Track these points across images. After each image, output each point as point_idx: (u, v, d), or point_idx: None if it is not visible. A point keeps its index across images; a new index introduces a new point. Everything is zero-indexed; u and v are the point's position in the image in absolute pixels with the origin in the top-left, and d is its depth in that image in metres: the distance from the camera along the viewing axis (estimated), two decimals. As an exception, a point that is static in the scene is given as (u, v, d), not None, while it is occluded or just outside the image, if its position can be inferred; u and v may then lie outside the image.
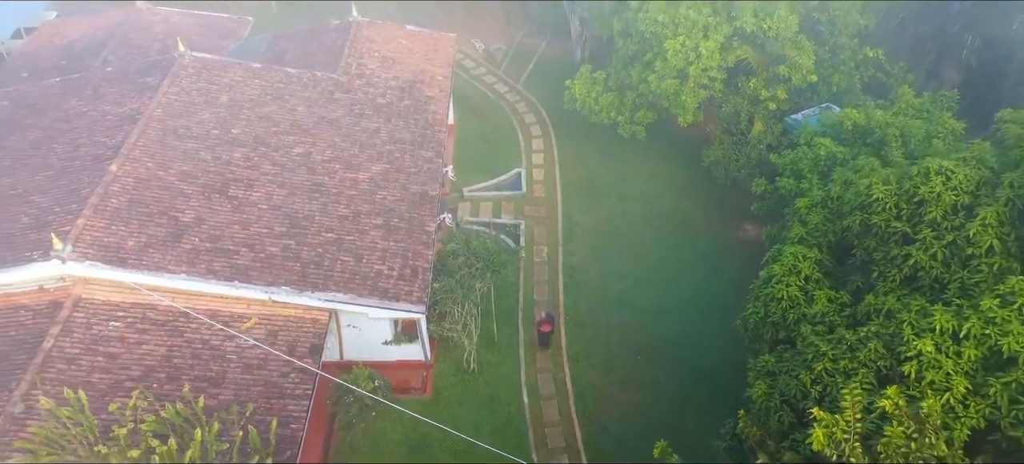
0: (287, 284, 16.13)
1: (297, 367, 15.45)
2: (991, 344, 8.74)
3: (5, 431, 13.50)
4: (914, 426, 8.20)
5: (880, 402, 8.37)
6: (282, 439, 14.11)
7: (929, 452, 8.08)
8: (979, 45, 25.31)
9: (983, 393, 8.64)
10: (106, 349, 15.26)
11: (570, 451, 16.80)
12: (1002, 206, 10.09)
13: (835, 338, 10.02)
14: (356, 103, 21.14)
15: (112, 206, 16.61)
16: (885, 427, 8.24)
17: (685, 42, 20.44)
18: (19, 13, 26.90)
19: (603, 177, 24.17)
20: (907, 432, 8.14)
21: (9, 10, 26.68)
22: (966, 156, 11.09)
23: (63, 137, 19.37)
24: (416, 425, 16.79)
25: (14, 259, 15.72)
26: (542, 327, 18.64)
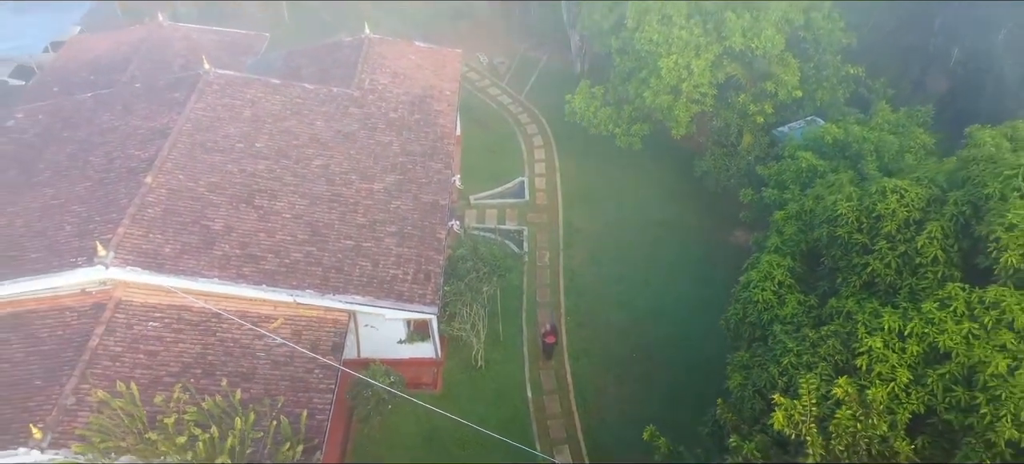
0: (311, 287, 17.64)
1: (321, 364, 16.98)
2: (930, 341, 10.26)
3: (59, 421, 15.00)
4: (860, 410, 9.74)
5: (834, 390, 9.92)
6: (309, 429, 15.62)
7: (872, 432, 9.61)
8: (961, 58, 26.84)
9: (923, 383, 10.17)
10: (146, 347, 16.78)
11: (571, 441, 18.34)
12: (947, 221, 11.64)
13: (800, 336, 11.56)
14: (370, 117, 22.68)
15: (148, 215, 18.11)
16: (836, 411, 9.78)
17: (678, 60, 21.96)
18: (50, 28, 28.42)
19: (601, 185, 25.70)
20: (854, 415, 9.68)
21: (41, 26, 28.22)
22: (919, 176, 12.64)
23: (98, 150, 20.90)
24: (428, 418, 18.33)
25: (60, 264, 17.24)
26: (546, 338, 19.91)
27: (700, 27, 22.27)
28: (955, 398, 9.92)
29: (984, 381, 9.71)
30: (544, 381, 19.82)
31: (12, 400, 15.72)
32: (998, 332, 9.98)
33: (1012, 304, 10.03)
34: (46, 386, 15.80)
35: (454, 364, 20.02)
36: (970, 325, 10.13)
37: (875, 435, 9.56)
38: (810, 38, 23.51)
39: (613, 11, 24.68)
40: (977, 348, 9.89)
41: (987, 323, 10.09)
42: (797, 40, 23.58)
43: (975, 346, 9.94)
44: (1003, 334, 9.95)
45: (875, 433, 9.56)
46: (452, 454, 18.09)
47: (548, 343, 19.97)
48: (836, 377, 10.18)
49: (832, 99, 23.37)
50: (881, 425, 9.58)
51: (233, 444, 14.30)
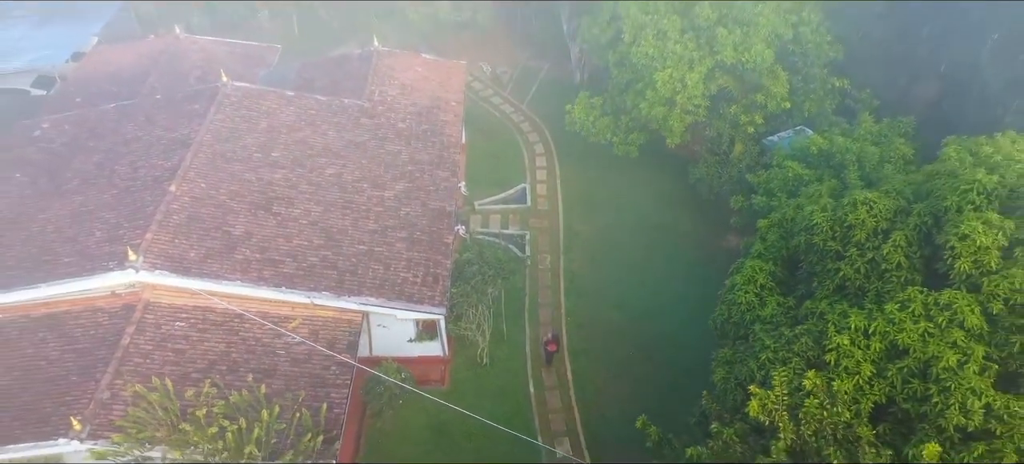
0: (327, 289, 18.92)
1: (337, 361, 18.26)
2: (891, 339, 11.53)
3: (96, 414, 16.27)
4: (827, 400, 10.99)
5: (804, 382, 11.18)
6: (328, 421, 16.89)
7: (837, 419, 10.87)
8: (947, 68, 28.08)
9: (884, 376, 11.43)
10: (174, 346, 18.07)
11: (570, 433, 19.64)
12: (911, 230, 12.93)
13: (778, 334, 12.82)
14: (380, 128, 23.96)
15: (174, 222, 19.39)
16: (805, 401, 11.03)
17: (673, 73, 23.27)
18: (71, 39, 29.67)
19: (600, 192, 26.99)
20: (821, 404, 10.93)
21: (63, 37, 29.49)
22: (887, 188, 13.93)
23: (123, 159, 22.20)
24: (437, 413, 19.59)
25: (93, 268, 18.53)
26: (548, 347, 21.04)
27: (693, 42, 23.56)
28: (912, 389, 11.21)
29: (937, 374, 11.00)
30: (546, 378, 21.11)
31: (51, 394, 17.01)
32: (950, 330, 11.27)
33: (963, 306, 11.32)
34: (82, 381, 17.08)
35: (461, 362, 21.28)
36: (926, 324, 11.42)
37: (840, 422, 10.83)
38: (798, 51, 24.80)
39: (611, 26, 25.98)
40: (932, 345, 11.18)
41: (941, 322, 11.38)
42: (786, 53, 24.85)
43: (930, 343, 11.22)
44: (954, 332, 11.23)
45: (840, 420, 10.83)
46: (459, 446, 19.36)
47: (550, 351, 21.08)
48: (808, 371, 11.45)
49: (819, 110, 24.66)
50: (845, 413, 10.85)
51: (259, 435, 15.57)
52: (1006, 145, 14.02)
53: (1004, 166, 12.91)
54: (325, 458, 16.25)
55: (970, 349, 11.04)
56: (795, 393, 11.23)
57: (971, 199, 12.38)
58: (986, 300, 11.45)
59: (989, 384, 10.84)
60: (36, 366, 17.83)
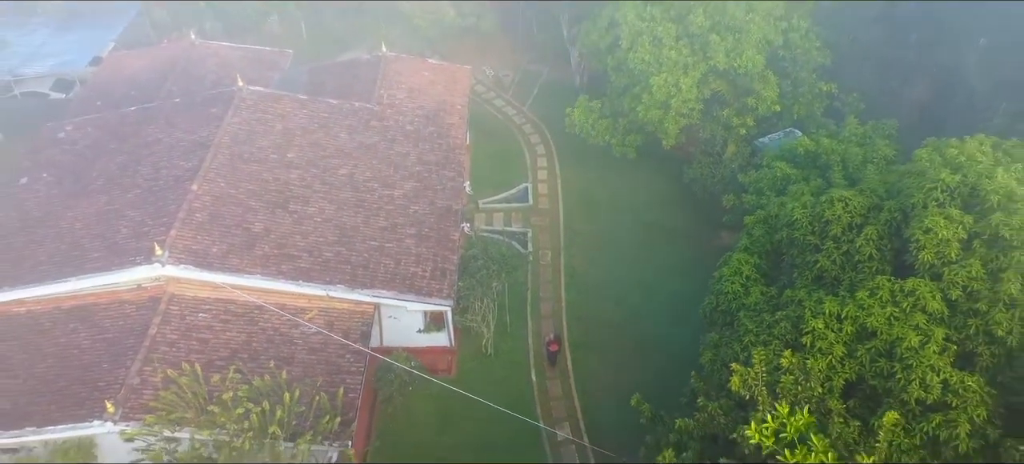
0: (341, 283, 20.19)
1: (351, 349, 19.53)
2: (861, 322, 12.80)
3: (127, 398, 17.53)
4: (802, 376, 12.25)
5: (781, 361, 12.43)
6: (344, 405, 18.16)
7: (810, 393, 12.12)
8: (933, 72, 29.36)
9: (854, 356, 12.70)
10: (198, 335, 19.34)
11: (570, 419, 20.92)
12: (882, 225, 14.20)
13: (760, 320, 14.09)
14: (389, 130, 25.24)
15: (196, 219, 20.64)
16: (782, 377, 12.28)
17: (668, 78, 24.55)
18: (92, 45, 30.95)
19: (599, 191, 28.27)
20: (796, 380, 12.18)
21: (83, 42, 30.77)
22: (862, 187, 15.21)
23: (145, 161, 23.45)
24: (444, 399, 20.84)
25: (121, 263, 19.79)
26: (550, 347, 22.20)
27: (688, 48, 24.85)
28: (879, 367, 12.48)
29: (901, 353, 12.26)
30: (547, 367, 22.37)
31: (84, 380, 18.30)
32: (913, 315, 12.53)
33: (925, 292, 12.59)
34: (113, 369, 18.35)
35: (467, 352, 22.54)
36: (892, 309, 12.69)
37: (813, 396, 12.09)
38: (788, 57, 26.10)
39: (609, 32, 27.28)
40: (896, 327, 12.44)
41: (905, 307, 12.65)
42: (776, 59, 26.15)
43: (895, 326, 12.49)
44: (917, 316, 12.50)
45: (813, 394, 12.09)
46: (465, 431, 20.61)
47: (552, 351, 22.22)
48: (785, 351, 12.72)
49: (808, 113, 25.94)
50: (817, 388, 12.11)
51: (282, 416, 16.86)
52: (972, 147, 15.29)
53: (967, 166, 14.17)
54: (342, 438, 17.52)
55: (931, 331, 12.31)
56: (773, 371, 12.49)
57: (935, 196, 13.66)
58: (946, 287, 12.72)
59: (948, 362, 12.11)
60: (70, 354, 19.12)
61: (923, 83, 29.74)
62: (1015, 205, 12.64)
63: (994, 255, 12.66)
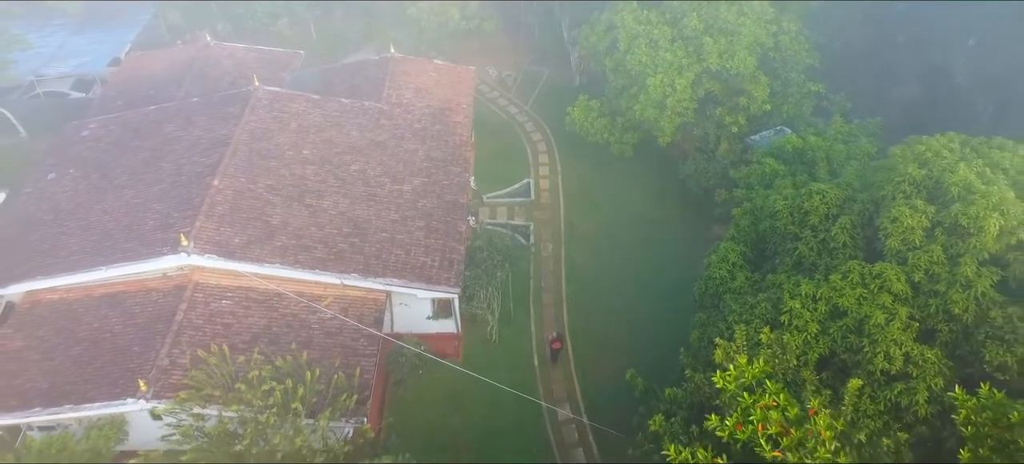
0: (355, 272, 21.61)
1: (365, 334, 20.95)
2: (834, 302, 14.22)
3: (158, 378, 18.94)
4: (779, 350, 13.66)
5: (760, 336, 13.84)
6: (361, 384, 19.58)
7: (786, 364, 13.53)
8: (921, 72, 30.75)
9: (827, 332, 14.12)
10: (222, 320, 20.77)
11: (570, 399, 22.37)
12: (855, 215, 15.63)
13: (743, 301, 15.51)
14: (397, 128, 26.65)
15: (218, 212, 22.06)
16: (761, 351, 13.68)
17: (663, 79, 25.98)
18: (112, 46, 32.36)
19: (597, 186, 29.70)
20: (773, 353, 13.59)
21: (102, 44, 32.19)
22: (839, 181, 16.64)
23: (167, 157, 24.86)
24: (452, 382, 22.30)
25: (149, 253, 21.22)
26: (553, 344, 23.44)
27: (682, 50, 26.28)
28: (849, 343, 13.91)
29: (869, 330, 13.69)
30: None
31: (117, 362, 19.74)
32: (880, 295, 13.96)
33: (891, 275, 14.02)
34: (143, 351, 19.78)
35: (472, 338, 23.98)
36: (862, 290, 14.11)
37: (789, 367, 13.51)
38: (779, 58, 27.52)
39: (608, 34, 28.69)
40: (865, 307, 13.87)
41: (873, 289, 14.08)
42: (767, 60, 27.56)
43: (864, 305, 13.92)
44: (883, 297, 13.93)
45: (789, 366, 13.51)
46: (472, 411, 22.05)
47: (554, 349, 23.47)
48: (764, 328, 14.14)
49: (797, 111, 27.36)
50: (793, 361, 13.54)
51: (303, 394, 18.25)
52: (940, 144, 16.66)
53: (933, 162, 15.57)
54: (358, 415, 18.94)
55: (896, 310, 13.74)
56: (754, 347, 13.91)
57: (903, 189, 15.08)
58: (910, 271, 14.15)
59: (910, 338, 13.55)
60: (102, 338, 20.56)
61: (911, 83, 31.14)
62: (973, 196, 14.05)
63: (953, 242, 14.08)
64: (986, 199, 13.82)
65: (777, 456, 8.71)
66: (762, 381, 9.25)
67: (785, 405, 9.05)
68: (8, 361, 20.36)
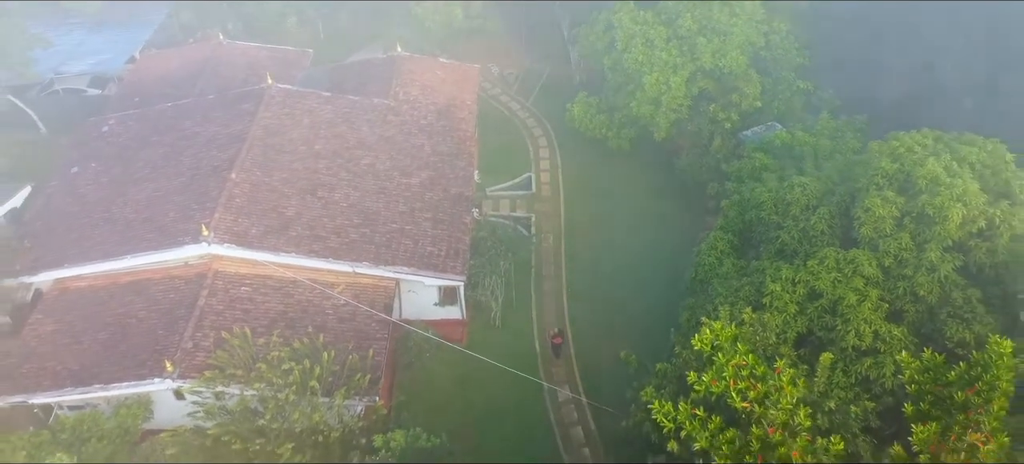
0: (367, 260, 22.97)
1: (376, 319, 22.31)
2: (811, 285, 15.57)
3: (182, 359, 20.30)
4: (760, 328, 15.02)
5: (743, 315, 15.20)
6: (373, 365, 20.94)
7: (766, 341, 14.88)
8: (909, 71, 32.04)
9: (805, 313, 15.48)
10: (241, 306, 22.14)
11: (570, 381, 23.76)
12: (834, 205, 16.98)
13: (729, 285, 16.86)
14: (405, 124, 27.97)
15: (236, 204, 23.40)
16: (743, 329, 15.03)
17: (659, 77, 27.30)
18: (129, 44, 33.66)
19: (596, 181, 31.01)
20: (755, 331, 14.94)
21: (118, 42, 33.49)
22: (819, 175, 17.98)
23: (185, 152, 26.17)
24: (458, 366, 23.63)
25: (172, 242, 22.57)
26: (554, 339, 24.55)
27: (677, 49, 27.60)
28: (824, 322, 15.29)
29: (842, 310, 15.06)
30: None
31: (143, 345, 21.12)
32: (853, 279, 15.32)
33: (863, 260, 15.38)
34: (168, 335, 21.15)
35: (477, 324, 25.32)
36: (836, 274, 15.48)
37: (768, 343, 14.88)
38: (770, 57, 28.83)
39: (606, 34, 30.02)
40: (839, 289, 15.23)
41: (847, 273, 15.44)
42: (759, 59, 28.87)
43: (838, 288, 15.28)
44: (856, 280, 15.29)
45: (769, 342, 14.88)
46: (477, 392, 23.40)
47: (556, 343, 24.60)
48: (746, 308, 15.52)
49: (788, 108, 28.67)
50: (772, 338, 14.91)
51: (319, 373, 19.65)
52: (913, 140, 17.97)
53: (905, 156, 16.90)
54: (371, 393, 20.33)
55: (867, 292, 15.10)
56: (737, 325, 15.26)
57: (876, 181, 16.43)
58: (881, 256, 15.51)
59: (880, 317, 14.92)
60: (128, 323, 21.94)
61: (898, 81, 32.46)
62: (938, 188, 15.39)
63: (920, 229, 15.44)
64: (950, 190, 15.18)
65: (745, 406, 10.05)
66: (734, 342, 10.54)
67: (753, 364, 10.38)
68: (41, 344, 21.79)
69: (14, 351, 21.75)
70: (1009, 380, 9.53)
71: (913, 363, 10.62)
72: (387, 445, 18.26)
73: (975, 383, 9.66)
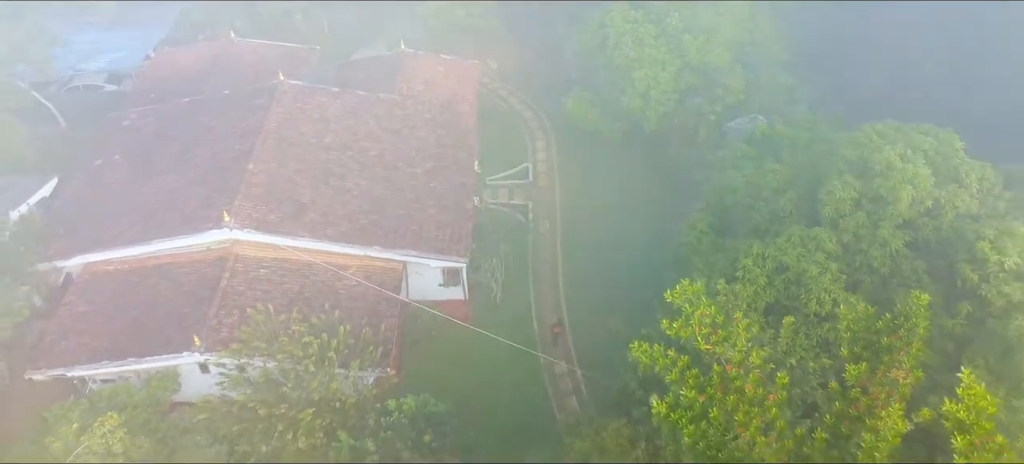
0: (376, 244, 24.99)
1: (386, 298, 24.36)
2: (779, 260, 17.66)
3: (208, 335, 22.30)
4: (732, 298, 17.08)
5: (718, 287, 17.26)
6: (385, 339, 22.96)
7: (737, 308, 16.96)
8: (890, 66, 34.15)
9: (773, 285, 17.57)
10: (260, 287, 24.15)
11: (566, 356, 25.81)
12: (801, 189, 19.08)
13: (706, 260, 18.95)
14: (409, 117, 29.94)
15: (254, 193, 25.35)
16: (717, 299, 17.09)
17: (648, 73, 29.35)
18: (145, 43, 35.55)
19: (590, 170, 33.01)
20: (727, 300, 16.99)
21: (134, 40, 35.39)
22: (790, 162, 20.07)
23: (203, 145, 28.11)
24: (461, 343, 25.63)
25: (195, 228, 24.54)
26: (554, 329, 26.45)
27: (665, 46, 29.67)
28: (790, 292, 17.40)
29: (806, 281, 17.15)
30: (547, 316, 27.24)
31: (171, 322, 23.15)
32: (816, 254, 17.42)
33: (824, 237, 17.50)
34: (193, 313, 23.16)
35: (478, 304, 27.35)
36: (801, 250, 17.58)
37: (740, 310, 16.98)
38: (754, 54, 30.88)
39: (599, 32, 32.04)
40: (802, 263, 17.33)
41: (810, 248, 17.54)
42: (744, 55, 30.91)
43: (802, 262, 17.37)
44: (818, 255, 17.40)
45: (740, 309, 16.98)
46: (479, 367, 25.40)
47: (556, 333, 26.45)
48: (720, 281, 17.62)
49: (771, 102, 30.73)
50: (743, 305, 17.00)
51: (337, 345, 21.69)
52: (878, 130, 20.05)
53: (865, 145, 18.97)
54: (383, 365, 22.39)
55: (827, 265, 17.21)
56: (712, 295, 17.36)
57: (838, 167, 18.52)
58: (841, 234, 17.62)
59: (839, 287, 17.02)
60: (156, 303, 23.97)
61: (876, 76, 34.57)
62: (892, 173, 17.49)
63: (875, 209, 17.55)
64: (902, 174, 17.28)
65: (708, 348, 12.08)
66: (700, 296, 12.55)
67: (714, 314, 12.41)
68: (76, 323, 23.82)
69: (51, 329, 23.79)
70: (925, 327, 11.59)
71: (849, 314, 12.69)
72: (400, 408, 20.32)
73: (898, 330, 11.74)
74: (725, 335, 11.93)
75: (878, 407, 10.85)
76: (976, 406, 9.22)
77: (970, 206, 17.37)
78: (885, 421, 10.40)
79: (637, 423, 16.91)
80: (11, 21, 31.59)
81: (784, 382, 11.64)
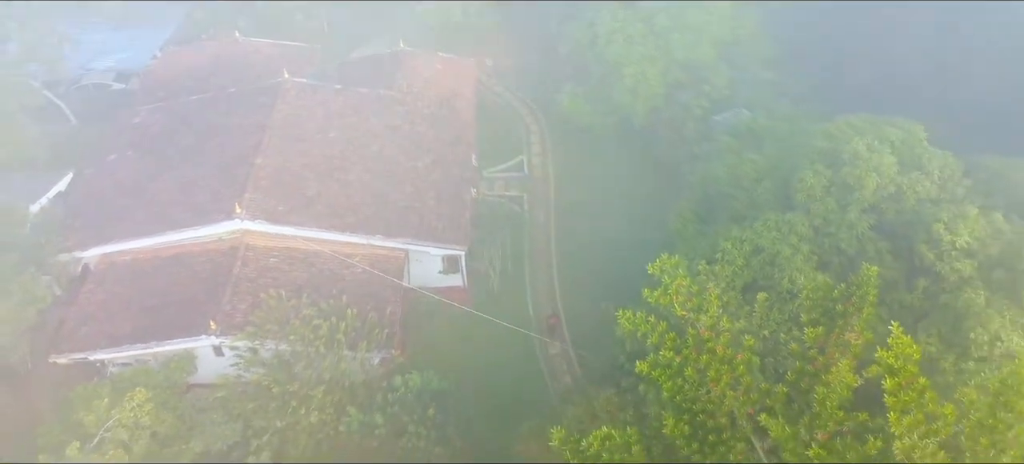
0: (380, 234, 26.59)
1: (389, 285, 25.96)
2: (756, 243, 19.34)
3: (222, 320, 23.85)
4: (711, 278, 18.73)
5: (699, 268, 18.93)
6: (390, 322, 24.57)
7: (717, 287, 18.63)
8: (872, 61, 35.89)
9: (751, 266, 19.25)
10: (270, 275, 25.71)
11: (560, 338, 27.47)
12: (778, 178, 20.78)
13: (689, 244, 20.63)
14: (409, 113, 31.52)
15: (263, 186, 26.90)
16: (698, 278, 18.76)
17: (637, 70, 31.00)
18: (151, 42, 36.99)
19: (583, 163, 34.64)
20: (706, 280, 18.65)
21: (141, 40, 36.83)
22: (768, 153, 21.76)
23: (212, 141, 29.65)
24: (461, 328, 27.25)
25: (207, 220, 26.09)
26: (551, 320, 28.07)
27: (653, 44, 31.32)
28: (765, 272, 19.08)
29: (780, 262, 18.84)
30: (543, 302, 28.90)
31: (187, 308, 24.66)
32: (789, 237, 19.12)
33: (797, 222, 19.20)
34: (208, 299, 24.69)
35: (477, 290, 28.97)
36: (776, 233, 19.27)
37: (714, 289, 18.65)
38: (739, 51, 32.56)
39: (590, 30, 33.67)
40: (777, 245, 19.02)
41: (784, 232, 19.24)
42: (729, 52, 32.59)
43: (776, 244, 19.06)
44: (792, 237, 19.10)
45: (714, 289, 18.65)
46: (478, 349, 27.03)
47: (552, 324, 27.99)
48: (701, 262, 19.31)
49: (756, 96, 32.42)
50: (722, 284, 18.68)
51: (345, 328, 23.29)
52: (850, 122, 21.79)
53: (836, 136, 20.69)
54: (388, 347, 24.01)
55: (799, 247, 18.91)
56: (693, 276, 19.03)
57: (811, 157, 20.23)
58: (812, 218, 19.31)
59: (810, 267, 18.72)
60: (172, 290, 25.50)
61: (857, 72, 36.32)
62: (858, 161, 19.19)
63: (843, 195, 19.25)
64: (867, 163, 18.98)
65: (684, 314, 13.75)
66: (677, 268, 14.21)
67: (689, 285, 14.07)
68: (96, 310, 25.35)
69: (72, 316, 25.33)
70: (874, 295, 13.26)
71: (809, 284, 14.37)
72: (405, 384, 21.95)
73: (851, 298, 13.40)
74: (698, 303, 13.58)
75: (833, 365, 12.51)
76: (903, 353, 10.87)
77: (930, 191, 19.09)
78: (836, 375, 12.05)
79: (625, 392, 18.57)
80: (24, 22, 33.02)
81: (750, 343, 13.30)
